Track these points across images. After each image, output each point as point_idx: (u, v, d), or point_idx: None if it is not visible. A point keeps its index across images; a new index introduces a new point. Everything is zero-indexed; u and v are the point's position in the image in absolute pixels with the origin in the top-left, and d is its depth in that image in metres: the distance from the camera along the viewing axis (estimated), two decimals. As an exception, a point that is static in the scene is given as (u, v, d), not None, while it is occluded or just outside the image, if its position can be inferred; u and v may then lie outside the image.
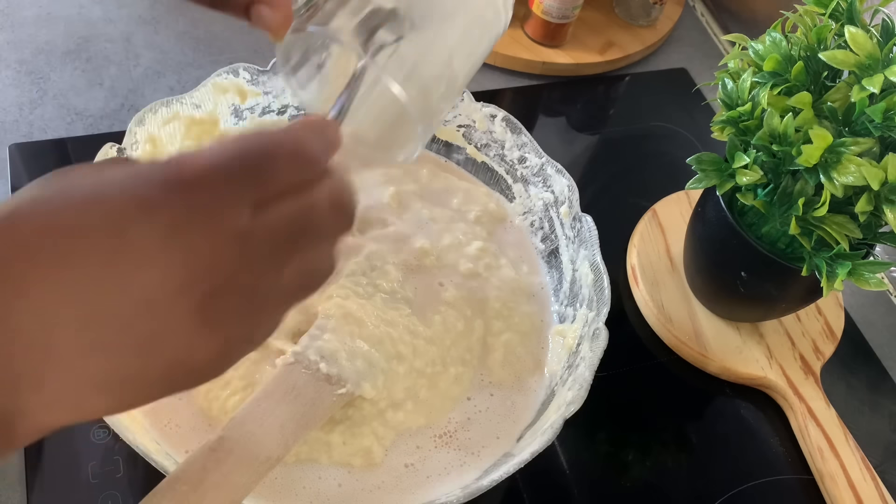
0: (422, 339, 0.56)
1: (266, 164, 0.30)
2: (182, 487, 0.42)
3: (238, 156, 0.30)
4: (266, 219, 0.30)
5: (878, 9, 0.54)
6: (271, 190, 0.30)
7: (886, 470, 0.63)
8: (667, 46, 0.95)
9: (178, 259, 0.28)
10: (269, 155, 0.30)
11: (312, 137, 0.33)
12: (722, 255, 0.62)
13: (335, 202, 0.33)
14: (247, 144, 0.30)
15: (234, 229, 0.29)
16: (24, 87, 0.75)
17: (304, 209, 0.31)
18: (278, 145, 0.31)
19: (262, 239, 0.30)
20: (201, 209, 0.28)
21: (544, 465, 0.59)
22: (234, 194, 0.29)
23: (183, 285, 0.28)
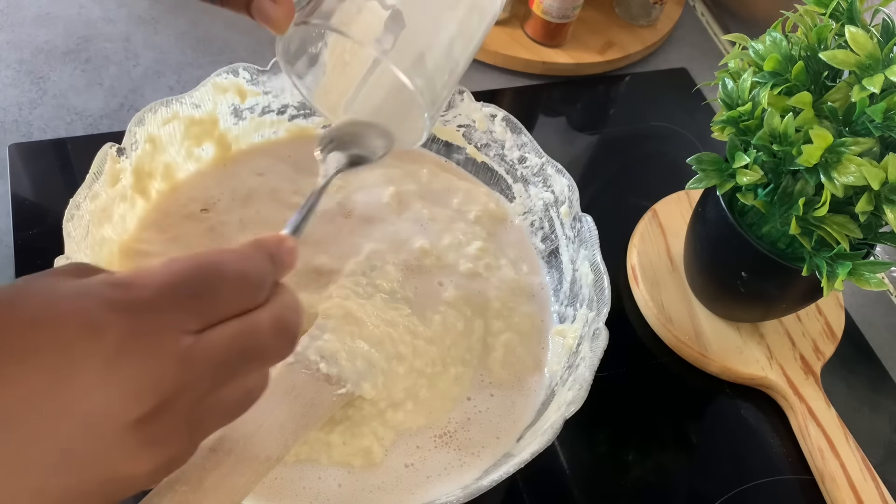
0: (422, 339, 0.56)
1: (211, 288, 0.31)
2: (182, 488, 0.42)
3: (185, 279, 0.31)
4: (208, 342, 0.31)
5: (879, 9, 0.54)
6: (216, 313, 0.31)
7: (886, 470, 0.63)
8: (667, 46, 0.95)
9: (120, 382, 0.28)
10: (215, 279, 0.31)
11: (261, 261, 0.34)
12: (722, 255, 0.62)
13: (278, 326, 0.33)
14: (194, 266, 0.31)
15: (176, 352, 0.30)
16: (23, 87, 0.75)
17: (247, 334, 0.32)
18: (226, 269, 0.32)
19: (204, 362, 0.30)
20: (145, 332, 0.29)
21: (544, 465, 0.59)
22: (179, 318, 0.30)
23: (124, 408, 0.28)
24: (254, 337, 0.32)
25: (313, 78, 0.49)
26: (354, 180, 0.67)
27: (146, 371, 0.29)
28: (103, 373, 0.28)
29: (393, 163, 0.69)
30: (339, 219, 0.64)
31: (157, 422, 0.29)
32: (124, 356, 0.28)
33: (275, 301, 0.34)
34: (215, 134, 0.64)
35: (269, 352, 0.33)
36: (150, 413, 0.29)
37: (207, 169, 0.65)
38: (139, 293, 0.29)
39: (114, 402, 0.28)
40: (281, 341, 0.34)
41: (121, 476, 0.30)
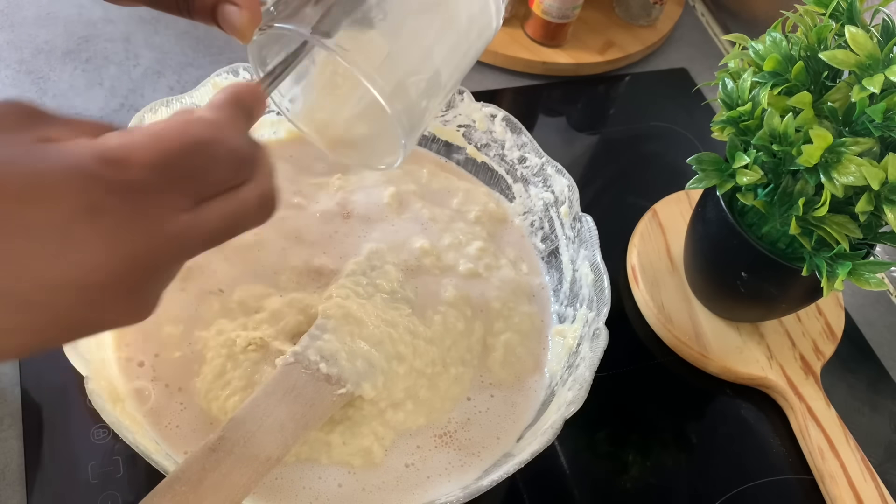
0: (422, 340, 0.56)
1: (204, 167, 0.32)
2: (181, 488, 0.42)
3: (178, 157, 0.31)
4: (202, 219, 0.32)
5: (879, 9, 0.54)
6: (208, 191, 0.32)
7: (886, 470, 0.63)
8: (667, 46, 0.95)
9: (121, 261, 0.29)
10: (206, 158, 0.32)
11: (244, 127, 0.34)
12: (722, 255, 0.62)
13: (263, 201, 0.35)
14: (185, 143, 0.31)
15: (173, 232, 0.30)
16: (24, 87, 0.75)
17: (237, 211, 0.33)
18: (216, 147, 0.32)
19: (197, 237, 0.32)
20: (144, 213, 0.29)
21: (544, 465, 0.59)
22: (174, 198, 0.30)
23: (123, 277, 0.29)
24: (243, 214, 0.33)
25: (303, 97, 0.48)
26: (354, 180, 0.67)
27: (143, 250, 0.30)
28: (105, 251, 0.28)
29: (393, 163, 0.69)
30: (338, 219, 0.64)
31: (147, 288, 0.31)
32: (124, 238, 0.29)
33: (258, 174, 0.34)
34: (215, 134, 0.64)
35: (254, 222, 0.35)
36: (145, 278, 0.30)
37: (207, 169, 0.65)
38: (135, 174, 0.29)
39: (112, 277, 0.29)
40: (265, 213, 0.35)
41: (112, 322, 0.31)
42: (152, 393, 0.53)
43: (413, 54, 0.43)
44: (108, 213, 0.28)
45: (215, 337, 0.55)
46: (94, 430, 0.55)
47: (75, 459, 0.53)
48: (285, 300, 0.57)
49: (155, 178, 0.30)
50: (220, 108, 0.34)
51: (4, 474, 0.53)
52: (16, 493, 0.52)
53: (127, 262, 0.29)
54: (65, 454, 0.54)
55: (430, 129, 0.70)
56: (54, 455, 0.54)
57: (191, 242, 0.31)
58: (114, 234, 0.29)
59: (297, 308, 0.57)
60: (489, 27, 0.47)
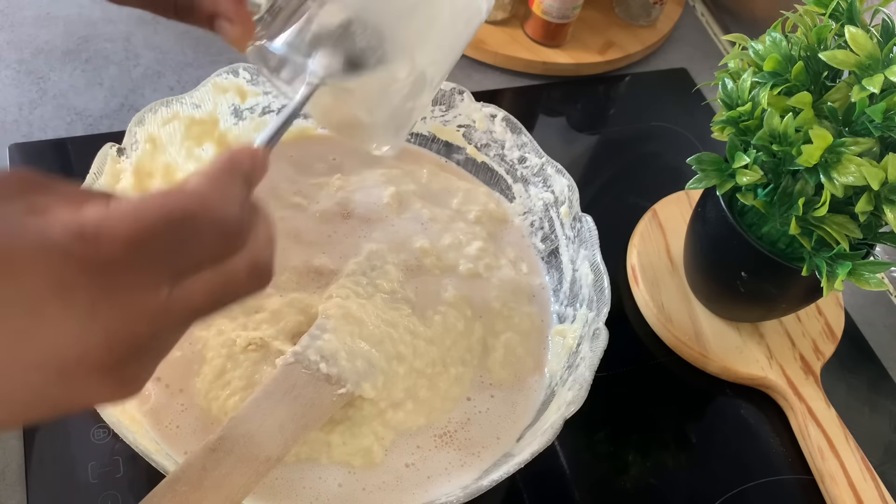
0: (422, 340, 0.56)
1: (186, 240, 0.30)
2: (182, 488, 0.42)
3: (157, 231, 0.29)
4: (184, 295, 0.30)
5: (879, 9, 0.54)
6: (191, 266, 0.30)
7: (886, 470, 0.63)
8: (667, 46, 0.95)
9: (95, 340, 0.28)
10: (189, 231, 0.30)
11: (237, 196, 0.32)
12: (722, 255, 0.62)
13: (254, 272, 0.33)
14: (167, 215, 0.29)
15: (150, 309, 0.29)
16: (24, 87, 0.75)
17: (223, 284, 0.31)
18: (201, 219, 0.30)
19: (179, 314, 0.30)
20: (118, 291, 0.28)
21: (544, 465, 0.59)
22: (152, 274, 0.29)
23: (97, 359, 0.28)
24: (231, 286, 0.32)
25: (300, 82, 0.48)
26: (355, 180, 0.67)
27: (120, 329, 0.28)
28: (78, 329, 0.27)
29: (393, 163, 0.69)
30: (338, 219, 0.64)
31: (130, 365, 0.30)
32: (98, 317, 0.28)
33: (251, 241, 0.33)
34: (215, 134, 0.64)
35: (244, 295, 0.33)
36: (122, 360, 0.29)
37: (207, 169, 0.65)
38: (106, 250, 0.28)
39: (88, 356, 0.28)
40: (256, 284, 0.33)
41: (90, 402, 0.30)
42: (152, 393, 0.53)
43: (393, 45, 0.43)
44: (80, 290, 0.27)
45: (215, 337, 0.55)
46: (94, 430, 0.55)
47: (75, 459, 0.53)
48: (285, 300, 0.57)
49: (129, 255, 0.28)
50: (211, 178, 0.32)
51: (4, 474, 0.53)
52: (16, 494, 0.52)
53: (101, 340, 0.28)
54: (65, 454, 0.54)
55: (430, 129, 0.70)
56: (54, 455, 0.54)
57: (172, 319, 0.30)
58: (86, 313, 0.28)
59: (297, 308, 0.57)
60: (478, 14, 0.47)
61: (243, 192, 0.33)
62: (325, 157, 0.68)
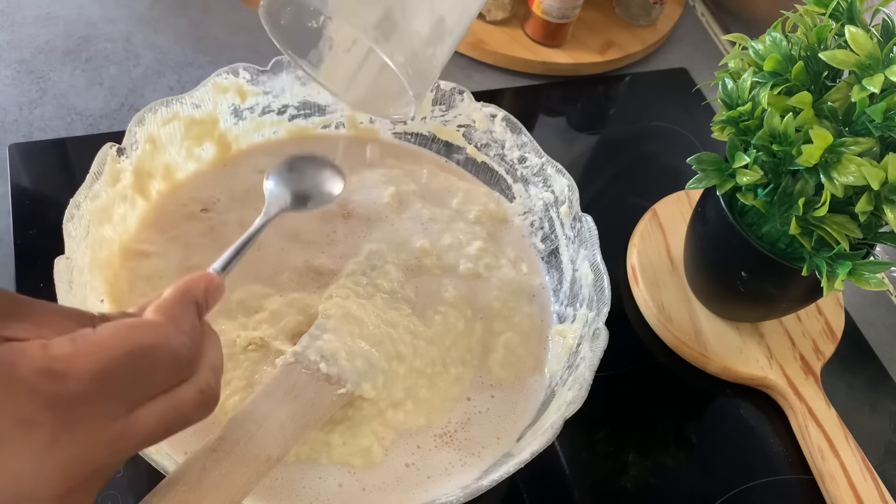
0: (422, 340, 0.56)
1: (143, 373, 0.33)
2: (182, 488, 0.42)
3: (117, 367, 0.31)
4: (137, 424, 0.32)
5: (879, 9, 0.54)
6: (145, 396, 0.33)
7: (886, 470, 0.63)
8: (667, 46, 0.95)
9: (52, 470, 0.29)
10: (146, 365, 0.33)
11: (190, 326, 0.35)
12: (722, 255, 0.62)
13: (202, 400, 0.35)
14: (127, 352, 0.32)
15: (106, 439, 0.31)
16: (24, 87, 0.75)
17: (174, 411, 0.34)
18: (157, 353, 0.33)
19: (132, 441, 0.32)
20: (77, 425, 0.30)
21: (544, 465, 0.59)
22: (110, 406, 0.31)
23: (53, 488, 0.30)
24: (181, 413, 0.34)
25: (317, 54, 0.49)
26: (355, 180, 0.67)
27: (77, 459, 0.30)
28: (35, 463, 0.29)
29: (393, 163, 0.69)
30: (339, 219, 0.64)
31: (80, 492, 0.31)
32: (56, 449, 0.29)
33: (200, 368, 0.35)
34: (215, 134, 0.64)
35: (192, 420, 0.35)
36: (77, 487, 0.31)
37: (207, 169, 0.65)
38: (71, 387, 0.30)
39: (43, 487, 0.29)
40: (204, 410, 0.36)
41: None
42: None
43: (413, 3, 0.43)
44: (41, 426, 0.29)
45: (215, 337, 0.55)
46: (94, 430, 0.55)
47: (75, 459, 0.53)
48: (285, 300, 0.57)
49: (92, 389, 0.30)
50: (166, 309, 0.35)
51: (4, 474, 0.53)
52: (16, 493, 0.52)
53: (57, 472, 0.30)
54: (65, 454, 0.53)
55: (430, 129, 0.70)
56: (54, 455, 0.53)
57: (125, 446, 0.32)
58: (46, 446, 0.29)
59: (297, 308, 0.57)
60: None
61: (194, 319, 0.36)
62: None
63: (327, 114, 0.69)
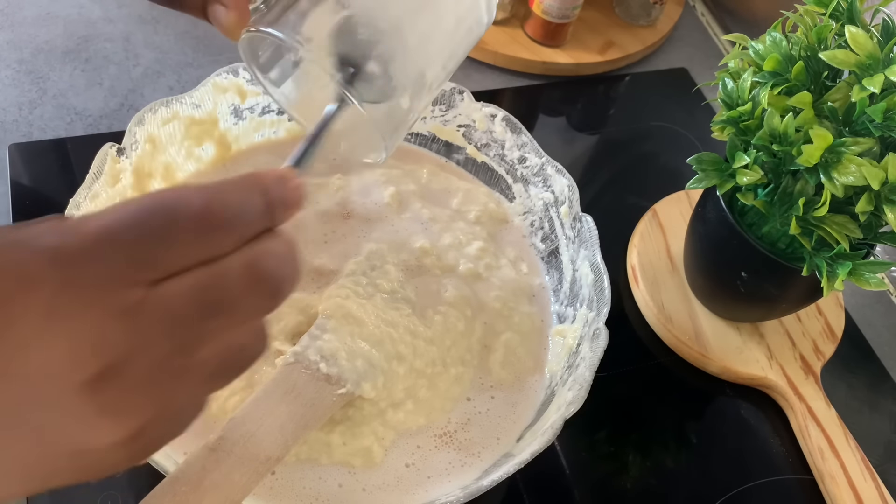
0: (422, 340, 0.56)
1: (165, 231, 0.27)
2: (182, 488, 0.42)
3: (135, 221, 0.26)
4: (161, 296, 0.26)
5: (879, 9, 0.54)
6: (171, 262, 0.27)
7: (886, 470, 0.63)
8: (667, 46, 0.95)
9: (57, 341, 0.25)
10: (170, 221, 0.27)
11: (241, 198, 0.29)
12: (722, 255, 0.62)
13: (251, 275, 0.28)
14: (149, 206, 0.27)
15: (118, 308, 0.26)
16: (23, 87, 0.75)
17: (210, 285, 0.27)
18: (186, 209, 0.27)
19: (156, 319, 0.26)
20: (81, 285, 0.25)
21: (544, 465, 0.59)
22: (121, 268, 0.26)
23: (65, 370, 0.25)
24: (219, 289, 0.28)
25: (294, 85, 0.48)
26: (355, 180, 0.67)
27: (83, 329, 0.25)
28: (39, 330, 0.25)
29: (393, 163, 0.69)
30: (338, 219, 0.64)
31: (110, 387, 0.26)
32: (59, 312, 0.25)
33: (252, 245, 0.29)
34: (215, 134, 0.64)
35: (243, 306, 0.28)
36: (98, 376, 0.26)
37: (207, 169, 0.65)
38: (78, 240, 0.26)
39: (54, 363, 0.25)
40: (257, 293, 0.29)
41: (86, 448, 0.27)
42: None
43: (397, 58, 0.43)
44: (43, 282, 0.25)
45: (215, 337, 0.55)
46: (94, 430, 0.55)
47: (75, 459, 0.53)
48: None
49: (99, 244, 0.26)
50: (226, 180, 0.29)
51: (4, 474, 0.53)
52: (16, 493, 0.52)
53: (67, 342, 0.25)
54: (65, 454, 0.54)
55: (430, 129, 0.70)
56: (54, 455, 0.53)
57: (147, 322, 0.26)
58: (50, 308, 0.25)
59: (297, 308, 0.57)
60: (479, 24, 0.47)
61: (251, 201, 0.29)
62: (326, 157, 0.68)
63: (327, 114, 0.69)
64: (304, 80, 0.48)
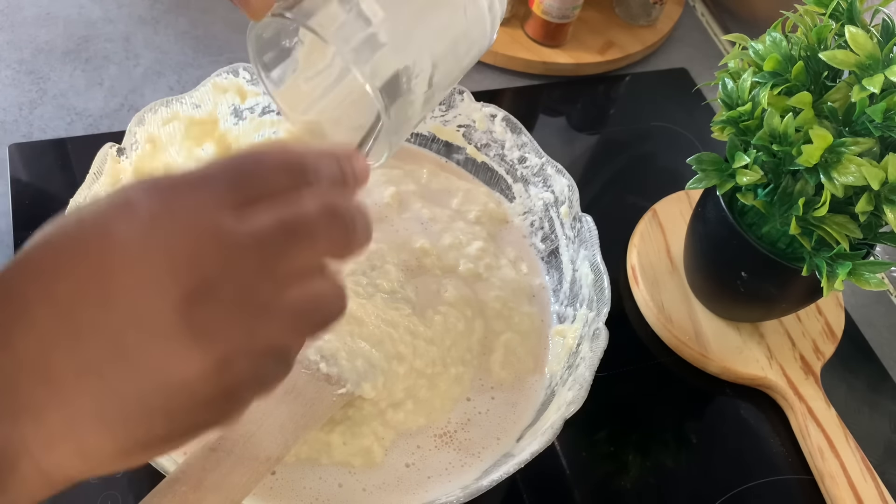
0: (422, 340, 0.56)
1: (253, 171, 0.30)
2: (182, 488, 0.42)
3: (225, 162, 0.30)
4: (249, 220, 0.29)
5: (879, 9, 0.54)
6: (258, 192, 0.30)
7: (886, 470, 0.63)
8: (667, 46, 0.95)
9: (158, 257, 0.27)
10: (256, 164, 0.30)
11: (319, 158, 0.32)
12: (722, 255, 0.62)
13: (328, 210, 0.31)
14: (237, 156, 0.31)
15: (214, 228, 0.28)
16: (24, 87, 0.75)
17: (292, 213, 0.30)
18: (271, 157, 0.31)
19: (246, 241, 0.29)
20: (181, 207, 0.28)
21: (544, 465, 0.59)
22: (215, 195, 0.29)
23: (163, 286, 0.27)
24: (301, 217, 0.30)
25: (281, 72, 0.48)
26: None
27: (181, 245, 0.28)
28: (140, 249, 0.27)
29: (393, 163, 0.69)
30: (339, 219, 0.64)
31: (203, 306, 0.28)
32: (158, 231, 0.28)
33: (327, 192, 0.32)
34: (216, 134, 0.64)
35: (322, 236, 0.31)
36: (193, 293, 0.27)
37: (207, 169, 0.65)
38: (177, 176, 0.29)
39: (152, 280, 0.27)
40: (334, 226, 0.31)
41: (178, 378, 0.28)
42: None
43: (410, 51, 0.43)
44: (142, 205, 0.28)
45: (215, 337, 0.55)
46: (94, 430, 0.55)
47: (75, 459, 0.53)
48: (285, 300, 0.57)
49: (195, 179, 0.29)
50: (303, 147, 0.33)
51: (4, 474, 0.53)
52: (16, 493, 0.52)
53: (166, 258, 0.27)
54: (65, 454, 0.54)
55: (430, 129, 0.70)
56: (54, 455, 0.53)
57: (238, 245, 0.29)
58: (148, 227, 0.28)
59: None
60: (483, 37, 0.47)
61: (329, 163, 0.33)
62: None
63: (327, 114, 0.69)
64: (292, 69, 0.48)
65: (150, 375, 0.28)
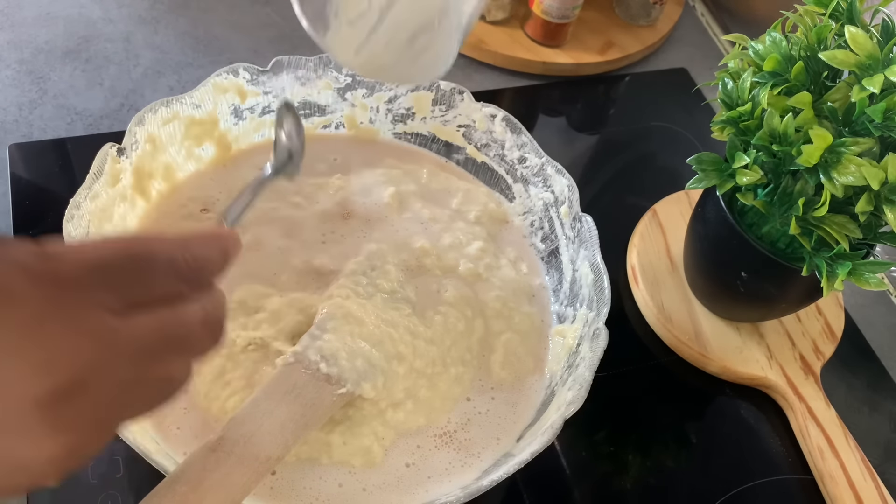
0: (422, 340, 0.56)
1: (142, 268, 0.31)
2: (182, 488, 0.42)
3: (116, 257, 0.30)
4: (133, 323, 0.29)
5: (878, 9, 0.54)
6: (143, 295, 0.30)
7: (886, 470, 0.63)
8: (667, 46, 0.95)
9: (32, 352, 0.27)
10: (146, 264, 0.31)
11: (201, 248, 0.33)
12: (722, 255, 0.62)
13: (208, 319, 0.33)
14: (127, 248, 0.30)
15: (96, 329, 0.28)
16: (24, 87, 0.75)
17: (175, 320, 0.31)
18: (160, 255, 0.31)
19: (126, 344, 0.29)
20: (65, 305, 0.28)
21: (544, 465, 0.59)
22: (103, 296, 0.29)
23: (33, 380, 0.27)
24: (182, 325, 0.31)
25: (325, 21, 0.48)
26: (355, 180, 0.67)
27: (61, 343, 0.27)
28: (16, 341, 0.26)
29: (393, 163, 0.69)
30: (338, 219, 0.64)
31: (68, 403, 0.27)
32: (40, 326, 0.27)
33: (207, 294, 0.33)
34: (215, 134, 0.65)
35: (196, 343, 0.32)
36: (60, 390, 0.27)
37: (207, 169, 0.65)
38: (65, 267, 0.28)
39: (23, 373, 0.26)
40: (209, 333, 0.33)
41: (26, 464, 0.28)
42: (152, 393, 0.53)
43: None
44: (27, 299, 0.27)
45: (215, 337, 0.55)
46: (94, 430, 0.55)
47: (75, 459, 0.53)
48: (285, 300, 0.57)
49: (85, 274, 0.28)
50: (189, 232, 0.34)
51: (4, 474, 0.53)
52: (16, 493, 0.52)
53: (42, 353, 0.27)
54: (65, 454, 0.54)
55: (430, 129, 0.70)
56: (54, 455, 0.53)
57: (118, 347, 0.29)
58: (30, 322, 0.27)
59: (297, 308, 0.57)
60: None
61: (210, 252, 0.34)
62: (326, 157, 0.68)
63: (327, 114, 0.69)
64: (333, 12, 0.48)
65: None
